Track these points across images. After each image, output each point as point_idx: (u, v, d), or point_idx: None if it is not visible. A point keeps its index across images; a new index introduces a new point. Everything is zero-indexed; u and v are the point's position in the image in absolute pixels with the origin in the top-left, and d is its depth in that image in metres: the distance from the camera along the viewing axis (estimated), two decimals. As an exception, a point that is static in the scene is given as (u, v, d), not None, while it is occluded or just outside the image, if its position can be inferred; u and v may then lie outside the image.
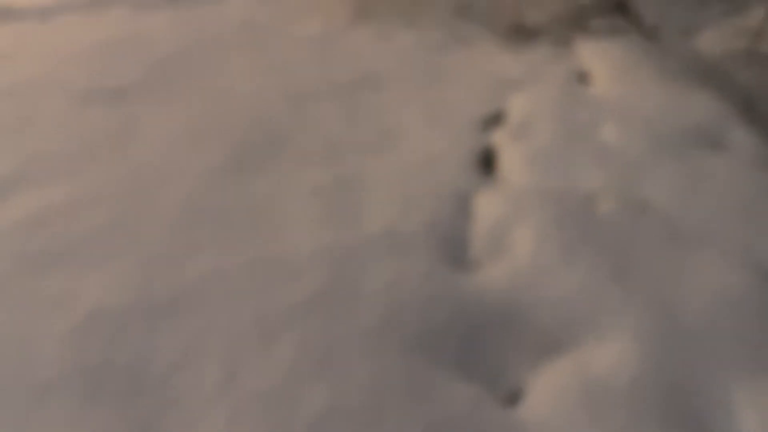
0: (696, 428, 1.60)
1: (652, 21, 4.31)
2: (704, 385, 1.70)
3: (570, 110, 3.05)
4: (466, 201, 2.57)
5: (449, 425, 1.59)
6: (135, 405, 1.58)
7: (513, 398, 1.74)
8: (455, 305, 1.97)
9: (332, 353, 1.77)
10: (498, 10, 4.63)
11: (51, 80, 3.64)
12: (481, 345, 1.87)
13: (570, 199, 2.41)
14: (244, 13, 4.95)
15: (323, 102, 3.63)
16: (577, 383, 1.74)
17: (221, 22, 4.73)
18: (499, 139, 3.01)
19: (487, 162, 2.93)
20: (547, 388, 1.74)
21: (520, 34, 4.30)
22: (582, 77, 3.66)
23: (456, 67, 4.11)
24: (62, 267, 2.13)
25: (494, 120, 3.33)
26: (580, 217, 2.30)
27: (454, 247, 2.28)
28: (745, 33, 4.52)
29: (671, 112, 2.94)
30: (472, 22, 4.64)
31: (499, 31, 4.47)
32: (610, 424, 1.61)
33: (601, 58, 3.76)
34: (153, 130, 3.06)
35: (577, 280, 2.05)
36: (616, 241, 2.19)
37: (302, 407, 1.61)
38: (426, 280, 2.07)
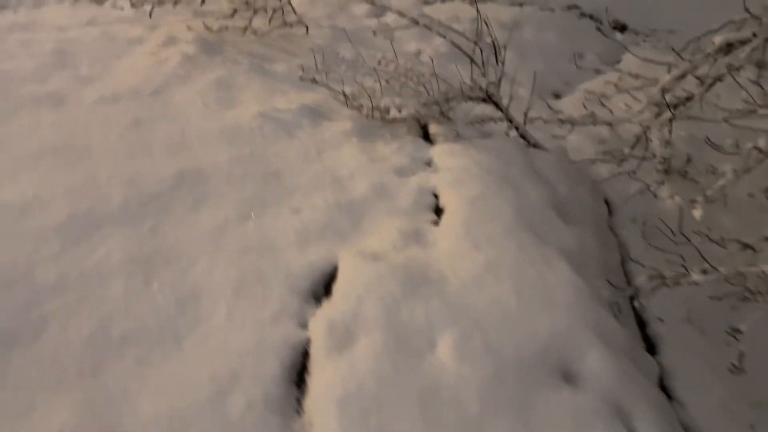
0: None
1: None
2: None
3: (409, 296, 2.45)
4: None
5: None
6: None
7: None
8: None
9: None
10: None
11: None
12: None
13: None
14: None
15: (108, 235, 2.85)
16: None
17: None
18: (318, 336, 2.39)
19: (299, 379, 2.32)
20: None
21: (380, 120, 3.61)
22: (434, 210, 3.07)
23: (291, 164, 3.40)
24: None
25: (325, 284, 2.66)
26: None
27: None
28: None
29: (521, 317, 2.40)
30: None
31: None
32: None
33: (457, 177, 3.18)
34: None
35: None
36: None
37: None
38: None
